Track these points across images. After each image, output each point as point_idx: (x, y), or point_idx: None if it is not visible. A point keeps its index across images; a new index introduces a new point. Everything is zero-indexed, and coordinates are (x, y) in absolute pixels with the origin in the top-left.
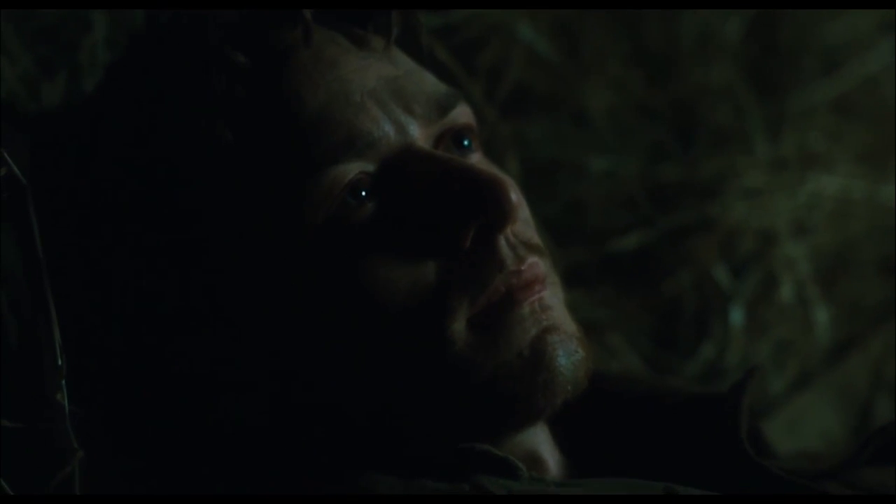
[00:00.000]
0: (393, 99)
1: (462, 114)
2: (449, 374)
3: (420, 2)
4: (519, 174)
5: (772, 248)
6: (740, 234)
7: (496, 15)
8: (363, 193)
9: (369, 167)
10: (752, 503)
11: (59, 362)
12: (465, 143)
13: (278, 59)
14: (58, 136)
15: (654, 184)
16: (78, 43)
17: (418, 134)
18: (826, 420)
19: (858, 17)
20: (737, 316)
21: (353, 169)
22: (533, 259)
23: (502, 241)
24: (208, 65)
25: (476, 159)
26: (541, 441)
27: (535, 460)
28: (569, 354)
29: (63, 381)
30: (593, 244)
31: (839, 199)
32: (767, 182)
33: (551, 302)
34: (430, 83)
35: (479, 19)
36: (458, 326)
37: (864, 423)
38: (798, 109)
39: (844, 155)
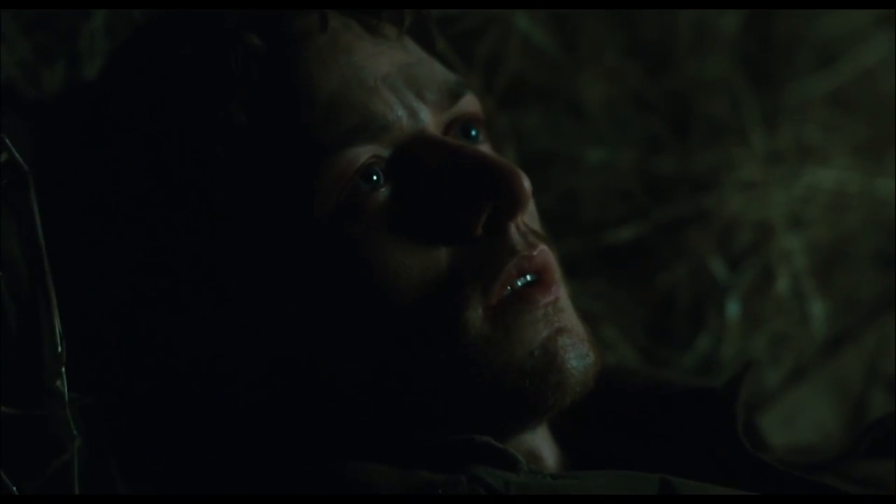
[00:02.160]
0: (406, 85)
1: (470, 103)
2: (460, 363)
3: None
4: (515, 165)
5: (768, 240)
6: (736, 226)
7: (493, 6)
8: (375, 177)
9: (383, 151)
10: (747, 500)
11: (59, 349)
12: (473, 132)
13: (294, 43)
14: (62, 121)
15: (650, 176)
16: (77, 30)
17: (430, 120)
18: (821, 413)
19: (854, 11)
20: (732, 309)
21: (367, 152)
22: (543, 246)
23: (513, 228)
24: (224, 47)
25: (484, 150)
26: (539, 435)
27: (532, 454)
28: (580, 357)
29: (63, 369)
30: (589, 236)
31: (835, 192)
32: (763, 175)
33: (565, 304)
34: (440, 71)
35: (477, 11)
36: (472, 315)
37: (860, 417)
38: (794, 102)
39: (841, 148)
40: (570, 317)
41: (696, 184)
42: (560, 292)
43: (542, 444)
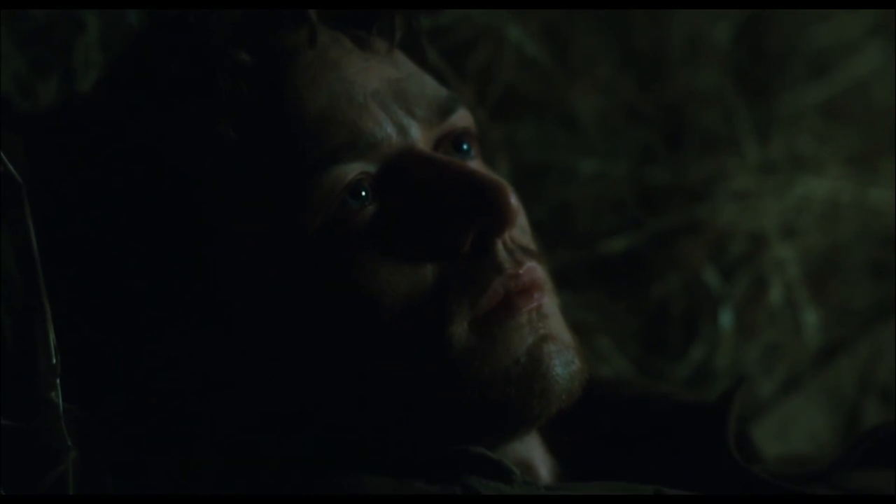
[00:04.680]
0: (395, 101)
1: (462, 118)
2: (446, 377)
3: (411, 4)
4: (509, 176)
5: (761, 250)
6: (729, 236)
7: (486, 17)
8: (363, 194)
9: (370, 168)
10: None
11: (54, 361)
12: (465, 147)
13: (282, 59)
14: (56, 134)
15: (643, 186)
16: (71, 44)
17: (419, 136)
18: (815, 423)
19: (847, 21)
20: (726, 319)
21: (355, 169)
22: (531, 264)
23: (500, 246)
24: (213, 63)
25: (475, 165)
26: (533, 447)
27: (526, 466)
28: (565, 364)
29: (57, 380)
30: (582, 246)
31: (828, 201)
32: (757, 185)
33: (549, 311)
34: (431, 86)
35: (469, 22)
36: (458, 329)
37: (853, 427)
38: (787, 112)
39: (833, 158)
40: (555, 324)
41: (689, 194)
42: (544, 299)
43: (533, 454)
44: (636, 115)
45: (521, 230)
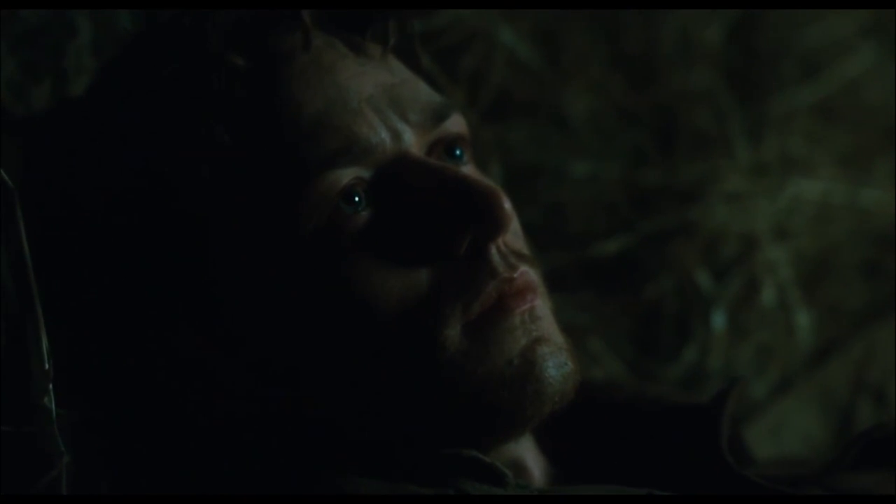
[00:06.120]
0: (390, 106)
1: (456, 123)
2: (439, 381)
3: (402, 6)
4: (501, 178)
5: (753, 252)
6: (721, 238)
7: (477, 20)
8: (357, 199)
9: (365, 173)
10: None
11: (46, 366)
12: (458, 153)
13: (277, 62)
14: (49, 138)
15: (635, 188)
16: (63, 48)
17: (413, 142)
18: (808, 424)
19: (839, 21)
20: (718, 320)
21: (349, 174)
22: (524, 268)
23: (493, 250)
24: (208, 67)
25: (468, 170)
26: (526, 449)
27: (520, 468)
28: (559, 366)
29: (50, 385)
30: (575, 248)
31: (820, 202)
32: (748, 186)
33: (541, 313)
34: (425, 92)
35: (461, 25)
36: (451, 333)
37: (846, 428)
38: (779, 113)
39: (825, 159)
40: (548, 325)
41: (682, 196)
42: (536, 301)
43: (526, 455)
44: (628, 116)
45: (514, 234)
